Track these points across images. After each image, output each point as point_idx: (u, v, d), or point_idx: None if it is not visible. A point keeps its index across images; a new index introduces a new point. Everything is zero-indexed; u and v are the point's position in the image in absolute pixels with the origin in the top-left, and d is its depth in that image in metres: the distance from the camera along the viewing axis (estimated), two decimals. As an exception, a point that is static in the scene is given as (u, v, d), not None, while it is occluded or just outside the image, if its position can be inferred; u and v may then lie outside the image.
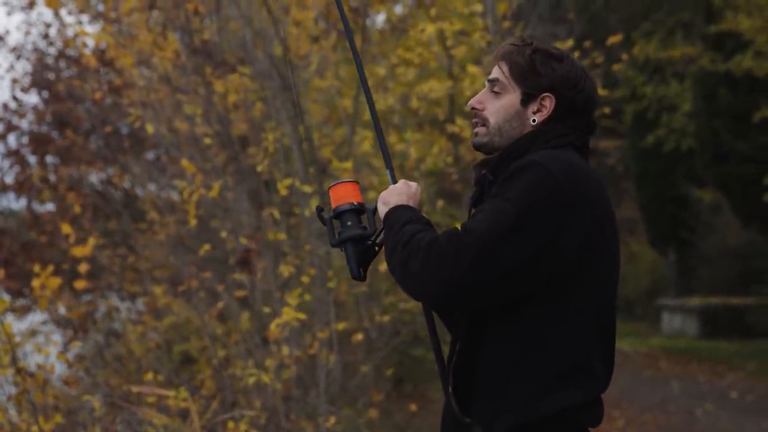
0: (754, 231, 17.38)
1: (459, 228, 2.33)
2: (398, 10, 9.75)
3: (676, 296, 20.63)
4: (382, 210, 2.50)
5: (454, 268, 2.23)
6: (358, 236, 2.55)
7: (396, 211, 2.47)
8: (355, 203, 2.58)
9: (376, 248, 2.57)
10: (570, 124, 2.47)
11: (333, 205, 2.59)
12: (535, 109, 2.47)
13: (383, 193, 2.53)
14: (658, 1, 19.23)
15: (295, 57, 7.76)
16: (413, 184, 2.56)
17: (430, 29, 7.61)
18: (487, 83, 2.55)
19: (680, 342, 17.71)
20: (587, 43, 8.29)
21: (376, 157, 8.27)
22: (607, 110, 8.41)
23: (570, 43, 7.84)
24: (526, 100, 2.48)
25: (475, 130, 2.55)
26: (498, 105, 2.50)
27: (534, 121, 2.47)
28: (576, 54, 7.57)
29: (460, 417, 2.38)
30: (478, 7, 8.16)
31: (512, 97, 2.49)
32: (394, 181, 2.63)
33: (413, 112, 8.68)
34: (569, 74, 2.46)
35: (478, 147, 2.55)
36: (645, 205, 20.89)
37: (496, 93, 2.51)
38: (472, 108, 2.55)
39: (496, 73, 2.53)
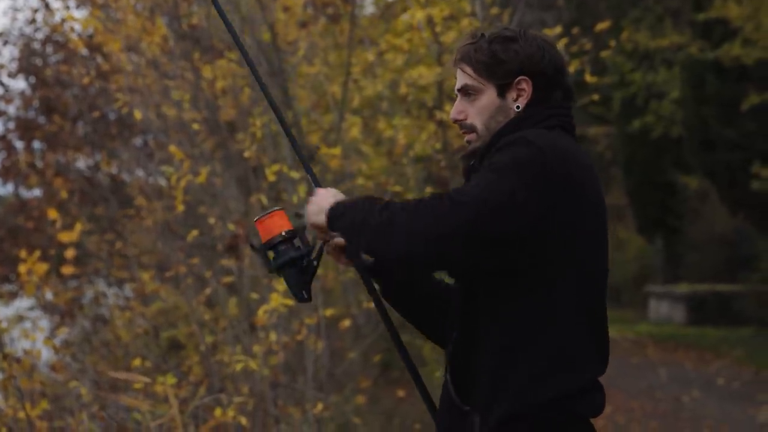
0: (742, 218, 17.46)
1: None
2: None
3: (664, 283, 20.73)
4: (320, 215, 2.42)
5: (449, 222, 2.19)
6: (294, 258, 2.52)
7: (340, 201, 2.40)
8: (284, 232, 2.54)
9: (315, 262, 2.55)
10: (552, 102, 2.45)
11: (264, 240, 2.55)
12: (515, 96, 2.44)
13: (310, 206, 2.45)
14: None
15: (283, 43, 7.73)
16: (333, 189, 2.48)
17: (419, 15, 7.58)
18: (457, 93, 2.51)
19: (667, 329, 17.79)
20: (575, 30, 8.27)
21: (364, 143, 8.26)
22: (595, 97, 8.40)
23: (558, 29, 7.81)
24: (502, 92, 2.45)
25: (466, 139, 2.51)
26: (477, 107, 2.47)
27: (518, 107, 2.44)
28: (564, 40, 7.56)
29: (459, 405, 2.38)
30: (467, -7, 8.13)
31: (488, 94, 2.46)
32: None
33: (402, 99, 8.66)
34: (531, 50, 2.43)
35: (474, 152, 2.49)
36: (633, 192, 20.94)
37: (471, 95, 2.48)
38: (455, 120, 2.51)
39: (462, 79, 2.49)
